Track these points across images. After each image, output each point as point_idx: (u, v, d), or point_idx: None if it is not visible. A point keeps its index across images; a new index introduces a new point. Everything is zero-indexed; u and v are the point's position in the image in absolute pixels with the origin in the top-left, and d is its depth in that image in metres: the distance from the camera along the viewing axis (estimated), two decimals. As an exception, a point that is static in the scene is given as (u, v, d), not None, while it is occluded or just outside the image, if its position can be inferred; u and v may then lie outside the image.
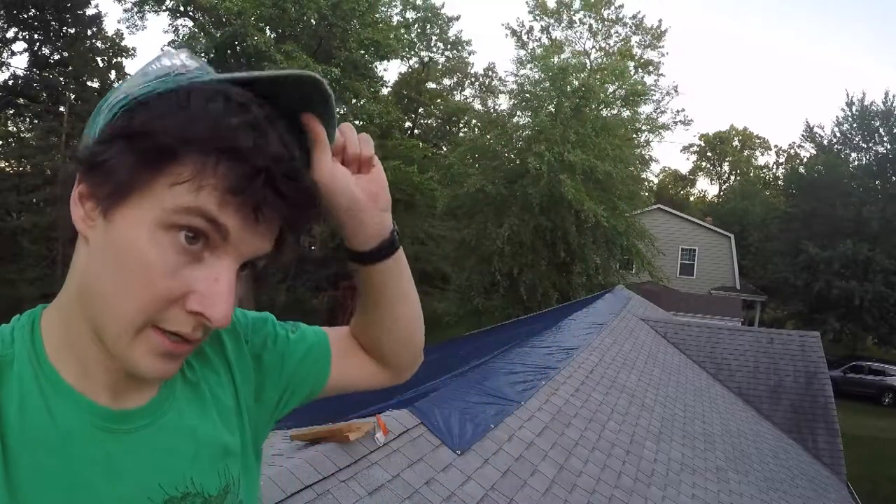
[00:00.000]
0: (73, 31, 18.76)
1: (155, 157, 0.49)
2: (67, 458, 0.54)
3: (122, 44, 21.13)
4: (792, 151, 37.93)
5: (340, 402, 5.59)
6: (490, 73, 32.40)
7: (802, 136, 26.13)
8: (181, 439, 0.63)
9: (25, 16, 18.22)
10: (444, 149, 27.29)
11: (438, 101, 30.51)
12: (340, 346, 0.83)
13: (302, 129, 0.60)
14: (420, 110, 29.63)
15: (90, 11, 18.78)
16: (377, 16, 19.46)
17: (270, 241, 0.55)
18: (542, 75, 16.92)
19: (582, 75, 17.20)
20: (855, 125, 23.10)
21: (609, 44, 20.10)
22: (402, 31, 23.82)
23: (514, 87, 17.78)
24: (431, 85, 30.54)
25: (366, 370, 0.84)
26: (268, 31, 17.64)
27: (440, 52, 28.99)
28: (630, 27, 19.99)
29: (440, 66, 30.60)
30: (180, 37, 18.61)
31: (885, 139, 22.20)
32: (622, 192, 16.00)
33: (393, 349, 0.82)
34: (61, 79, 18.29)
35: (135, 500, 0.58)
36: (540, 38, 19.86)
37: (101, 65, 20.21)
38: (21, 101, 19.00)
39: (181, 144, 0.48)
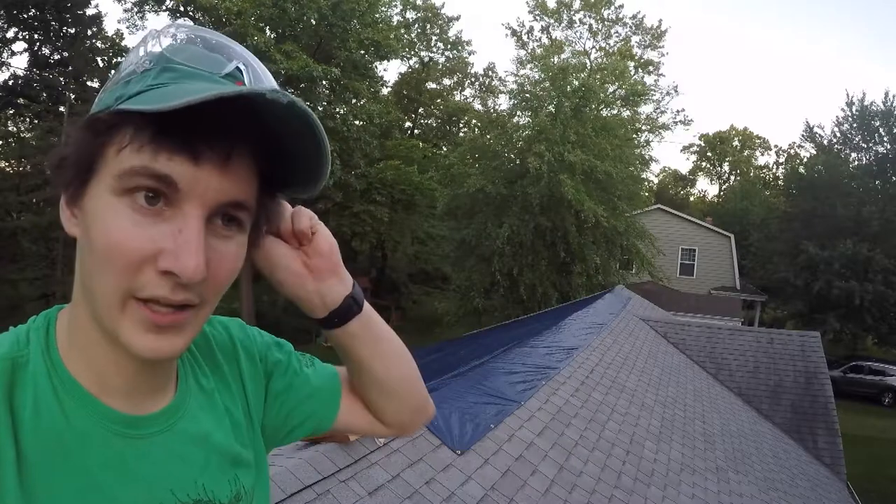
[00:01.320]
0: (73, 31, 18.77)
1: (95, 132, 0.51)
2: (81, 461, 0.54)
3: (122, 44, 21.17)
4: (792, 151, 37.94)
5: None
6: (490, 73, 32.44)
7: (802, 136, 26.14)
8: (194, 446, 0.63)
9: (25, 16, 18.23)
10: (444, 149, 27.29)
11: (438, 101, 30.52)
12: (352, 392, 0.82)
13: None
14: (420, 110, 29.64)
15: (90, 11, 18.80)
16: (377, 16, 19.46)
17: (238, 185, 0.54)
18: (542, 75, 16.93)
19: (582, 75, 17.21)
20: (855, 125, 23.09)
21: (609, 44, 20.13)
22: (402, 31, 23.84)
23: (514, 87, 17.82)
24: (431, 85, 30.55)
25: (370, 422, 0.83)
26: (268, 31, 17.64)
27: (440, 52, 29.01)
28: (630, 27, 20.03)
29: (440, 66, 30.61)
30: (180, 37, 18.58)
31: (885, 139, 22.20)
32: (622, 192, 16.00)
33: (386, 408, 0.81)
34: (61, 79, 18.30)
35: None
36: (540, 38, 19.92)
37: (101, 65, 20.22)
38: (21, 101, 19.01)
39: (112, 117, 0.51)
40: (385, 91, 25.07)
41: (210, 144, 0.50)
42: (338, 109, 18.62)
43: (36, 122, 18.93)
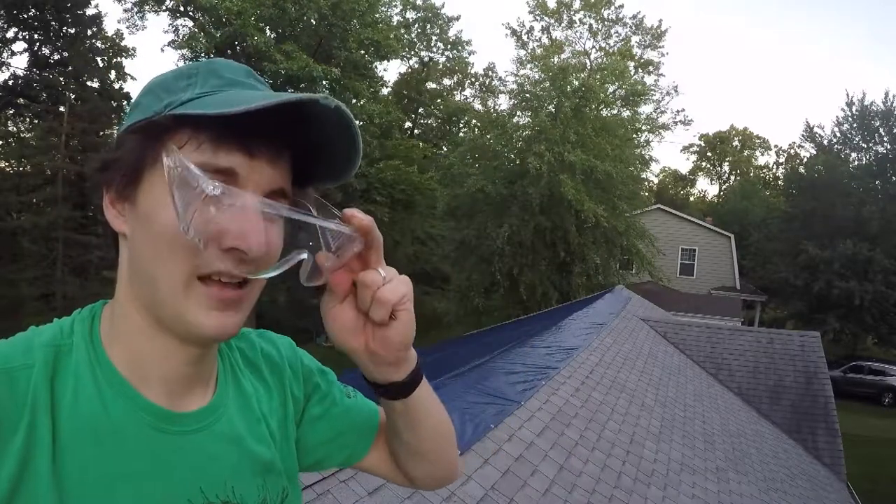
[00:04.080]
0: (73, 31, 18.76)
1: (150, 135, 0.55)
2: (114, 450, 0.55)
3: (122, 44, 21.18)
4: (792, 151, 38.01)
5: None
6: (490, 73, 32.44)
7: (802, 136, 26.12)
8: (227, 447, 0.64)
9: (25, 16, 18.23)
10: (444, 149, 27.29)
11: (438, 101, 30.52)
12: (385, 437, 0.81)
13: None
14: (420, 110, 29.64)
15: (90, 11, 18.79)
16: (377, 16, 19.44)
17: (283, 175, 0.58)
18: (542, 75, 16.93)
19: (582, 75, 17.22)
20: (855, 125, 23.09)
21: (609, 44, 20.10)
22: (402, 31, 23.83)
23: (514, 87, 17.83)
24: (431, 85, 30.56)
25: (394, 471, 0.83)
26: (268, 31, 17.63)
27: (440, 52, 28.99)
28: (630, 27, 20.00)
29: (440, 66, 30.60)
30: (180, 37, 18.59)
31: (885, 139, 22.20)
32: (622, 192, 16.00)
33: (413, 469, 0.80)
34: (61, 79, 18.29)
35: (175, 501, 0.59)
36: (540, 38, 19.89)
37: (101, 65, 20.21)
38: (21, 101, 19.02)
39: (170, 122, 0.54)
40: (385, 91, 25.06)
41: (265, 143, 0.55)
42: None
43: (36, 122, 18.91)
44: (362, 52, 19.11)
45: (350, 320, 0.63)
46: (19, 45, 18.75)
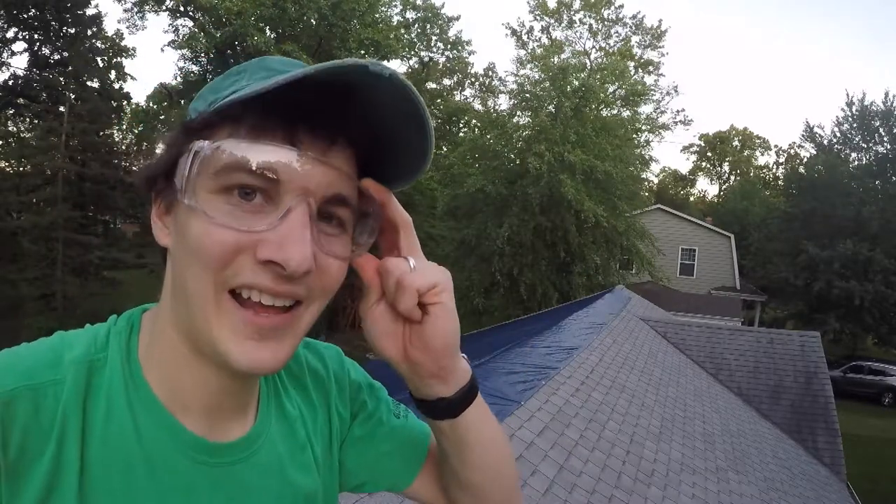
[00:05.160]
0: (73, 31, 18.78)
1: (194, 132, 0.49)
2: (147, 483, 0.50)
3: (122, 44, 21.22)
4: (792, 151, 38.04)
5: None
6: (490, 73, 32.44)
7: (802, 136, 26.12)
8: (268, 478, 0.59)
9: (25, 16, 18.24)
10: (444, 149, 27.27)
11: (438, 101, 30.49)
12: (434, 463, 0.73)
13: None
14: (420, 110, 29.59)
15: (90, 11, 18.80)
16: (377, 16, 19.45)
17: (340, 178, 0.50)
18: (542, 75, 16.93)
19: (582, 75, 17.21)
20: (855, 125, 23.09)
21: (609, 44, 20.12)
22: (402, 31, 23.80)
23: (514, 87, 17.83)
24: (431, 85, 30.53)
25: (440, 501, 0.73)
26: (268, 31, 17.64)
27: (440, 52, 28.95)
28: (630, 27, 20.02)
29: (440, 66, 30.59)
30: (180, 37, 18.61)
31: (885, 139, 22.20)
32: (622, 192, 16.01)
33: (461, 502, 0.70)
34: (61, 79, 18.31)
35: None
36: (540, 38, 19.91)
37: (101, 65, 20.23)
38: (21, 101, 19.03)
39: (209, 116, 0.48)
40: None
41: (311, 131, 0.48)
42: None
43: (36, 122, 18.94)
44: (362, 52, 19.10)
45: (386, 322, 0.56)
46: (19, 45, 18.80)
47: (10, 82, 18.79)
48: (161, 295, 0.55)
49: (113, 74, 20.57)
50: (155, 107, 27.06)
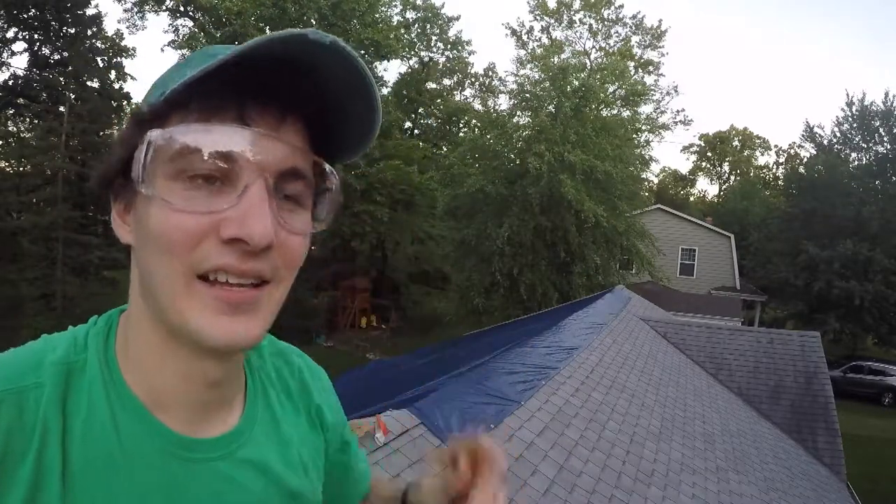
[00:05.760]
0: (73, 31, 18.76)
1: (145, 123, 0.49)
2: (129, 481, 0.51)
3: (122, 44, 21.18)
4: (792, 151, 38.01)
5: (340, 402, 5.58)
6: (490, 73, 32.40)
7: (802, 136, 26.10)
8: (253, 475, 0.59)
9: (25, 16, 18.23)
10: (444, 149, 27.26)
11: (438, 101, 30.48)
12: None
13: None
14: (420, 110, 29.60)
15: (90, 11, 18.79)
16: (377, 16, 19.46)
17: (294, 152, 0.50)
18: (542, 75, 16.92)
19: (582, 75, 17.20)
20: (855, 125, 23.08)
21: (609, 44, 20.13)
22: (402, 31, 23.81)
23: (514, 87, 17.80)
24: (431, 85, 30.51)
25: None
26: (268, 31, 17.62)
27: (440, 52, 28.97)
28: (630, 27, 20.03)
29: (440, 66, 30.59)
30: (180, 37, 18.61)
31: (885, 139, 22.18)
32: (622, 192, 15.99)
33: None
34: (61, 79, 18.30)
35: None
36: (540, 38, 19.91)
37: (101, 65, 20.21)
38: (21, 101, 19.02)
39: (159, 106, 0.48)
40: (385, 91, 25.06)
41: (261, 107, 0.48)
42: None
43: (36, 122, 18.92)
44: (362, 52, 19.10)
45: None
46: (19, 45, 18.78)
47: (10, 82, 18.79)
48: (130, 294, 0.55)
49: (113, 74, 20.54)
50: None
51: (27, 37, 18.58)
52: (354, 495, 0.78)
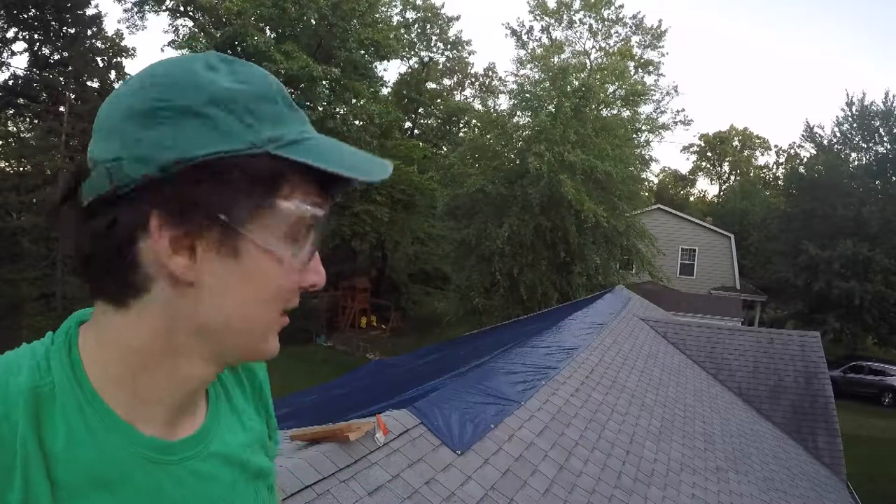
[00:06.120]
0: (73, 31, 18.77)
1: (266, 185, 0.52)
2: (121, 492, 0.54)
3: (122, 44, 21.15)
4: (792, 151, 37.97)
5: (340, 403, 5.59)
6: (490, 73, 32.47)
7: (802, 136, 26.15)
8: (224, 465, 0.64)
9: (25, 16, 18.23)
10: (444, 149, 27.28)
11: (438, 101, 30.49)
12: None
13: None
14: (420, 110, 29.62)
15: (90, 11, 18.80)
16: (377, 16, 19.46)
17: None
18: (543, 75, 16.93)
19: (582, 75, 17.21)
20: (855, 125, 23.10)
21: (609, 44, 20.12)
22: (402, 31, 23.84)
23: (514, 87, 17.80)
24: (431, 85, 30.53)
25: None
26: (268, 31, 17.64)
27: (440, 52, 28.99)
28: (630, 27, 20.00)
29: (440, 66, 30.60)
30: (180, 37, 18.61)
31: (885, 139, 22.20)
32: (622, 192, 16.00)
33: None
34: (61, 79, 18.30)
35: None
36: (540, 38, 19.89)
37: (101, 65, 20.21)
38: (21, 101, 19.01)
39: (279, 169, 0.53)
40: (385, 91, 25.07)
41: (335, 195, 0.59)
42: (338, 109, 18.62)
43: (36, 122, 18.93)
44: (362, 52, 19.12)
45: None
46: (19, 45, 18.76)
47: (10, 82, 18.77)
48: (125, 327, 0.54)
49: (113, 74, 20.52)
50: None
51: (27, 37, 18.58)
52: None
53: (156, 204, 0.49)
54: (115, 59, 21.04)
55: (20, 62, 41.31)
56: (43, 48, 18.89)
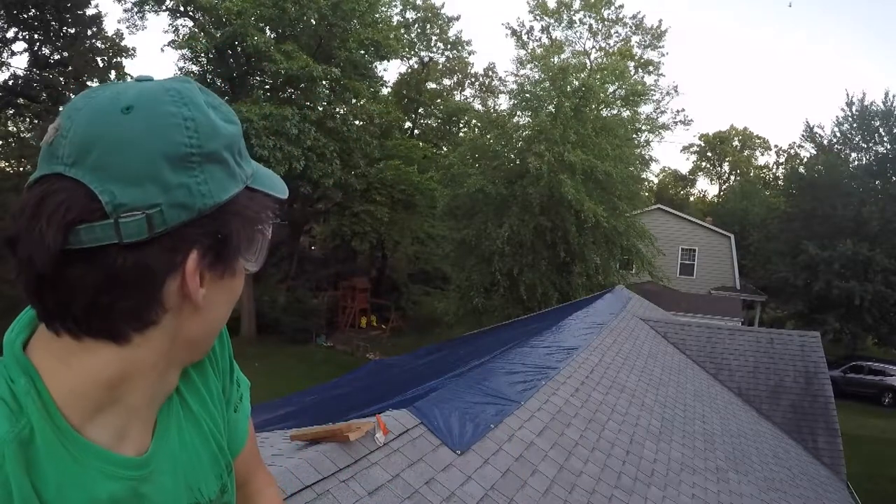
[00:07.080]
0: (73, 31, 18.76)
1: (257, 212, 0.61)
2: None
3: (122, 44, 21.13)
4: (792, 151, 37.99)
5: (340, 403, 5.59)
6: (490, 73, 32.45)
7: (802, 136, 26.13)
8: (186, 456, 0.68)
9: (25, 16, 18.22)
10: (444, 149, 27.28)
11: (438, 101, 30.49)
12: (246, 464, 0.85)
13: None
14: (420, 110, 29.62)
15: (90, 11, 18.79)
16: (377, 16, 19.44)
17: None
18: (543, 75, 16.94)
19: (582, 75, 17.21)
20: (855, 125, 23.09)
21: (609, 44, 20.17)
22: (402, 31, 23.83)
23: (514, 87, 17.82)
24: (431, 85, 30.53)
25: None
26: (268, 31, 17.62)
27: (440, 52, 29.00)
28: (630, 27, 20.06)
29: (440, 66, 30.60)
30: (180, 37, 18.59)
31: (885, 139, 22.19)
32: (622, 192, 16.00)
33: None
34: (61, 79, 18.29)
35: None
36: (540, 38, 19.95)
37: (101, 65, 20.20)
38: (21, 101, 19.01)
39: (264, 201, 0.63)
40: (385, 91, 25.06)
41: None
42: (338, 109, 18.60)
43: (36, 122, 18.92)
44: (362, 52, 19.10)
45: None
46: (19, 45, 18.76)
47: (10, 82, 18.77)
48: (86, 345, 0.53)
49: (113, 74, 20.50)
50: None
51: (27, 37, 18.57)
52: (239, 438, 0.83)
53: (194, 244, 0.53)
54: (115, 59, 21.02)
55: (20, 62, 41.37)
56: (43, 48, 18.89)
